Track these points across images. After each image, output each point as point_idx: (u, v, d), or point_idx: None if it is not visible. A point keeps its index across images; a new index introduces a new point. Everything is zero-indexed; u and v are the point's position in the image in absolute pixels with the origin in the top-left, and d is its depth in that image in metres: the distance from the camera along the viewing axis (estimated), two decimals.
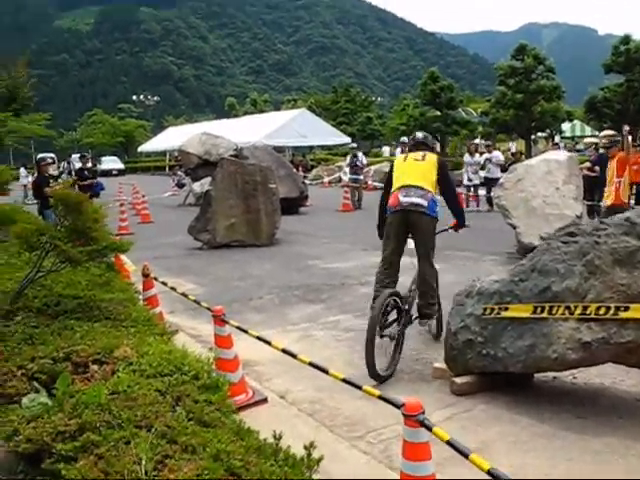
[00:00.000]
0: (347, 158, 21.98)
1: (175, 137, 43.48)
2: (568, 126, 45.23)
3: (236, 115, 64.40)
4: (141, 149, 61.08)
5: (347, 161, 21.62)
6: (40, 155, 33.47)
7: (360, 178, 20.28)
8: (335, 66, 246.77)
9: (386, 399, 2.98)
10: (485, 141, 23.13)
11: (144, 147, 59.83)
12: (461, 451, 2.38)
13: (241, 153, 17.98)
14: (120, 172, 50.99)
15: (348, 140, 41.56)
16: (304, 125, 39.09)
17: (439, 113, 41.71)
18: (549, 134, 40.71)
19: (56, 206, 3.87)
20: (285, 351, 3.93)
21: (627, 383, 4.79)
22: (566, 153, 12.05)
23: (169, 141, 47.90)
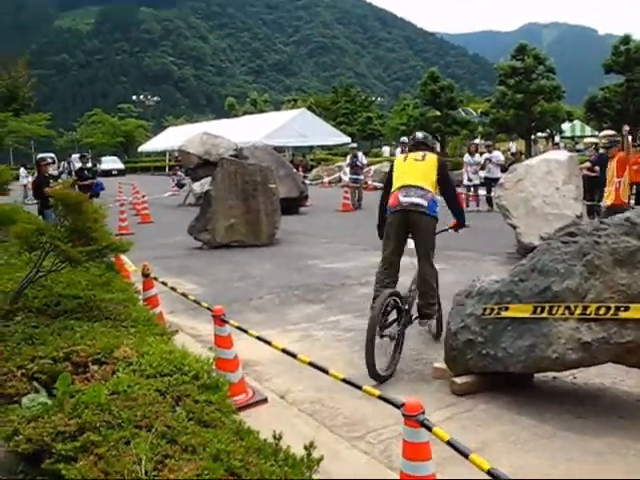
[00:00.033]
0: (347, 158, 21.96)
1: (175, 137, 43.48)
2: (568, 126, 45.30)
3: (236, 115, 64.34)
4: (141, 149, 61.06)
5: (347, 161, 21.60)
6: (40, 155, 33.53)
7: (360, 178, 20.27)
8: (335, 66, 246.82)
9: (386, 399, 2.98)
10: (485, 141, 23.06)
11: (144, 147, 59.82)
12: (461, 451, 2.38)
13: (241, 153, 17.96)
14: (120, 172, 50.97)
15: (348, 140, 41.56)
16: (304, 125, 39.06)
17: (439, 113, 41.72)
18: (549, 134, 40.74)
19: (56, 206, 3.87)
20: (285, 351, 3.93)
21: (627, 383, 4.79)
22: (566, 153, 12.03)
23: (169, 141, 47.89)
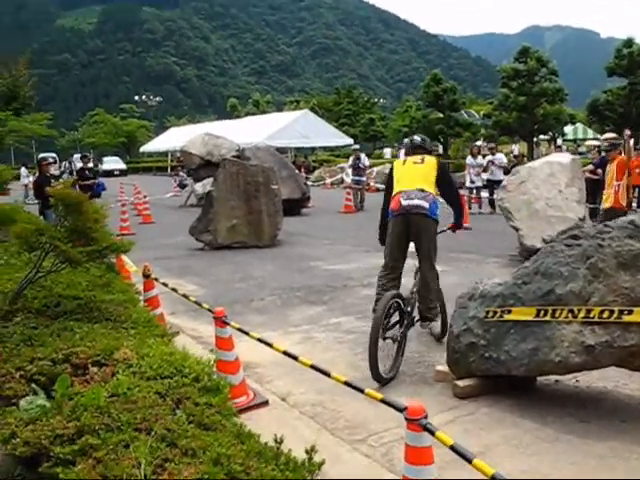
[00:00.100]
0: (349, 159, 21.95)
1: (177, 137, 43.51)
2: (570, 129, 45.29)
3: (238, 116, 64.43)
4: (143, 149, 61.11)
5: (349, 162, 21.59)
6: (41, 155, 33.55)
7: (362, 179, 20.26)
8: (338, 67, 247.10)
9: (389, 403, 2.94)
10: (488, 143, 23.02)
11: (146, 147, 59.87)
12: (465, 456, 2.35)
13: (243, 154, 17.93)
14: (122, 172, 51.02)
15: (350, 141, 41.62)
16: (306, 126, 39.08)
17: (442, 115, 41.70)
18: (551, 137, 40.70)
19: (56, 206, 3.85)
20: (286, 353, 3.90)
21: (630, 387, 4.76)
22: (569, 156, 12.01)
23: (171, 141, 47.91)
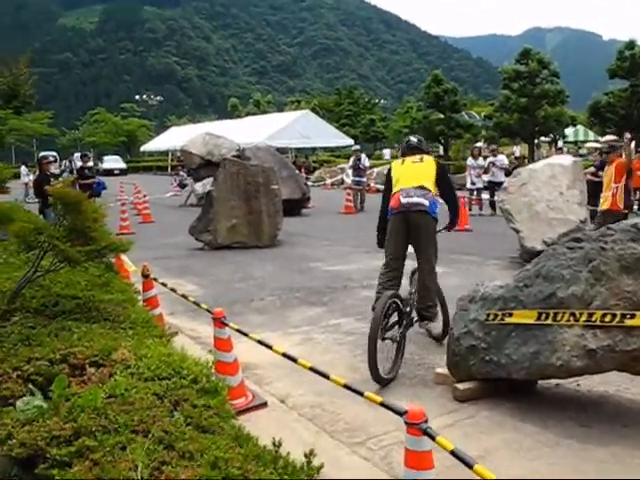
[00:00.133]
0: (350, 160, 21.94)
1: (178, 137, 43.51)
2: (571, 131, 45.30)
3: (239, 116, 64.48)
4: (143, 149, 61.15)
5: (350, 163, 21.59)
6: (42, 153, 33.49)
7: (363, 180, 20.26)
8: (339, 68, 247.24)
9: (389, 406, 2.92)
10: (489, 145, 23.01)
11: (146, 147, 59.91)
12: (466, 462, 2.32)
13: (243, 154, 17.91)
14: (122, 172, 51.00)
15: (351, 142, 41.64)
16: (307, 126, 39.10)
17: (442, 116, 41.69)
18: (552, 139, 40.70)
19: (55, 205, 3.82)
20: (286, 355, 3.88)
21: (632, 391, 4.73)
22: (571, 158, 11.98)
23: (171, 141, 47.94)
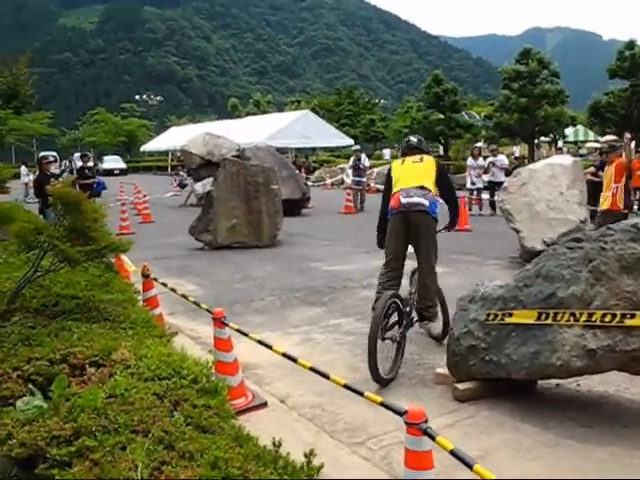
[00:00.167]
0: (350, 160, 21.94)
1: (178, 137, 43.50)
2: (571, 131, 45.28)
3: (239, 116, 64.46)
4: (143, 149, 61.14)
5: (350, 163, 21.58)
6: (42, 153, 33.49)
7: (363, 180, 20.25)
8: (339, 68, 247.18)
9: (388, 406, 2.91)
10: (489, 145, 23.00)
11: (146, 147, 59.90)
12: (466, 462, 2.32)
13: (243, 154, 17.91)
14: (122, 172, 50.98)
15: (351, 142, 41.62)
16: (307, 126, 39.08)
17: (442, 116, 41.67)
18: (552, 139, 40.69)
19: (55, 205, 3.82)
20: (286, 355, 3.88)
21: (631, 391, 4.73)
22: (571, 158, 11.98)
23: (171, 141, 47.93)
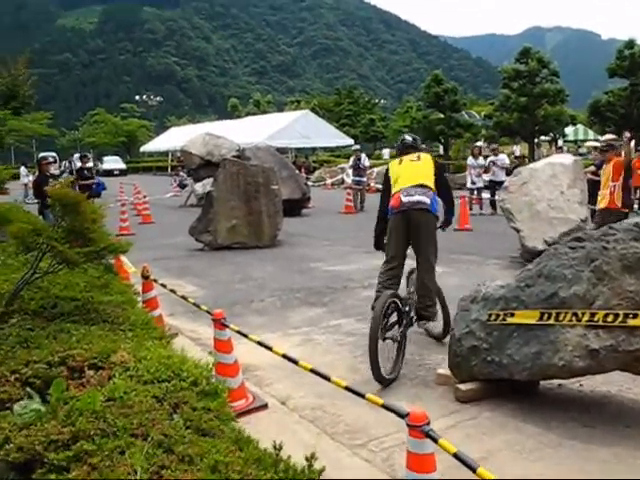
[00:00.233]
0: (350, 160, 21.92)
1: (177, 137, 43.51)
2: (571, 130, 45.24)
3: (239, 116, 64.45)
4: (143, 149, 61.16)
5: (350, 163, 21.57)
6: (41, 154, 33.49)
7: (363, 180, 20.23)
8: (339, 68, 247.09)
9: (390, 408, 2.88)
10: (490, 144, 22.99)
11: (146, 147, 59.92)
12: (469, 465, 2.29)
13: (243, 154, 17.88)
14: (122, 172, 51.05)
15: (351, 142, 41.62)
16: (307, 126, 39.09)
17: (442, 116, 41.58)
18: (552, 138, 40.64)
19: (54, 206, 3.80)
20: (286, 357, 3.85)
21: (634, 391, 4.71)
22: (571, 157, 11.95)
23: (171, 141, 47.94)
